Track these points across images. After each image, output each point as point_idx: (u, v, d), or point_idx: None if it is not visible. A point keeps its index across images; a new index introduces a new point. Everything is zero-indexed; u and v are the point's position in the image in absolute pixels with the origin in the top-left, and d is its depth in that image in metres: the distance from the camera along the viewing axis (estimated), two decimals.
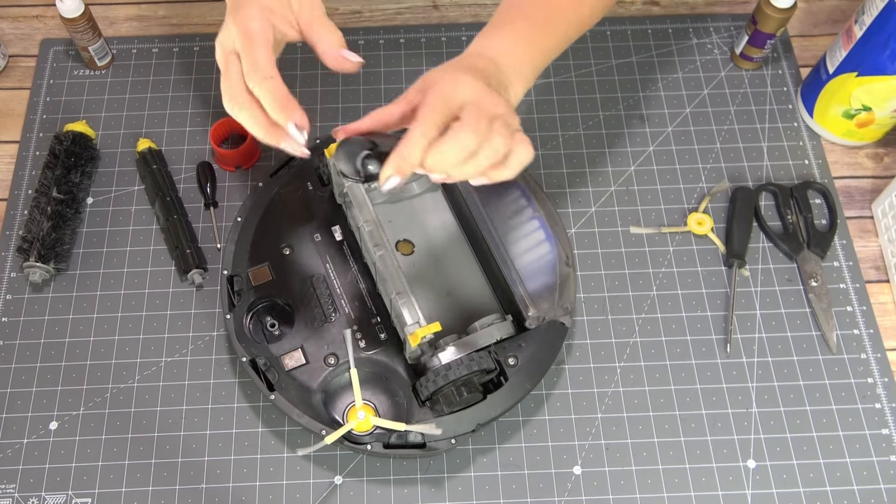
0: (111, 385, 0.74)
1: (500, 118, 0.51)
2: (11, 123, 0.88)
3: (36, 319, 0.77)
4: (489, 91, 0.52)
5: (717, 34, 0.94)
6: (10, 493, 0.70)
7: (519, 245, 0.71)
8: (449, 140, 0.50)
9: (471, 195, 0.73)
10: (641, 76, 0.91)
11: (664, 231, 0.82)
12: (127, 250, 0.80)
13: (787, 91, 0.90)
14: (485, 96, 0.52)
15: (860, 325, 0.77)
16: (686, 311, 0.78)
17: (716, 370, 0.75)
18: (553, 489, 0.70)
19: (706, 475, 0.71)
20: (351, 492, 0.70)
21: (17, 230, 0.81)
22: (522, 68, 0.58)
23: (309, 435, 0.71)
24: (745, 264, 0.80)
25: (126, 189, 0.84)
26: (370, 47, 0.92)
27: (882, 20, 0.75)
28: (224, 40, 0.57)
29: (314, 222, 0.74)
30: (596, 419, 0.73)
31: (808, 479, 0.71)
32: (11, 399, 0.73)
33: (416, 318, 0.64)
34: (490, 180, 0.53)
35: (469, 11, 0.96)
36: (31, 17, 0.95)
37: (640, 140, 0.87)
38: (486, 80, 0.53)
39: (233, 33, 0.56)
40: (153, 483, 0.70)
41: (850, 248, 0.81)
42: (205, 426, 0.72)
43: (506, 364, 0.67)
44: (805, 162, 0.86)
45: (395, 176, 0.50)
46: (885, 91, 0.78)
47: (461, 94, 0.51)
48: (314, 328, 0.69)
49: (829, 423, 0.73)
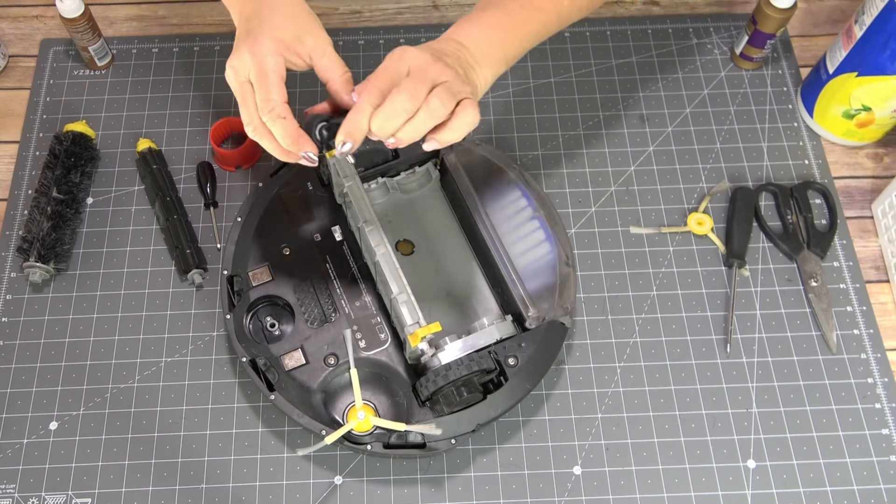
0: (111, 385, 0.74)
1: (444, 85, 0.56)
2: (11, 123, 0.88)
3: (36, 319, 0.77)
4: (433, 60, 0.56)
5: (717, 34, 0.94)
6: (10, 493, 0.70)
7: (519, 245, 0.71)
8: (387, 103, 0.55)
9: (471, 195, 0.73)
10: (641, 76, 0.91)
11: (664, 231, 0.82)
12: (127, 250, 0.80)
13: (787, 91, 0.90)
14: (427, 65, 0.56)
15: (860, 325, 0.77)
16: (686, 311, 0.78)
17: (716, 370, 0.75)
18: (553, 489, 0.70)
19: (706, 475, 0.71)
20: (351, 492, 0.70)
21: (17, 230, 0.81)
22: (492, 52, 0.62)
23: (309, 435, 0.71)
24: (745, 264, 0.80)
25: (126, 189, 0.84)
26: (370, 47, 0.92)
27: (882, 20, 0.75)
28: (238, 67, 0.59)
29: (314, 222, 0.74)
30: (596, 419, 0.73)
31: (808, 479, 0.71)
32: (11, 399, 0.73)
33: (416, 318, 0.64)
34: (440, 144, 0.58)
35: (469, 12, 0.95)
36: (31, 17, 0.95)
37: (640, 140, 0.87)
38: (441, 56, 0.58)
39: (247, 63, 0.59)
40: (153, 483, 0.70)
41: (850, 248, 0.81)
42: (205, 426, 0.72)
43: (506, 364, 0.67)
44: (805, 162, 0.86)
45: (348, 141, 0.55)
46: (885, 91, 0.78)
47: (405, 64, 0.56)
48: (314, 328, 0.69)
49: (829, 423, 0.73)
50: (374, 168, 0.75)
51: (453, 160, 0.75)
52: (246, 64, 0.59)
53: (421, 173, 0.78)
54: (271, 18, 0.60)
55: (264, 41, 0.59)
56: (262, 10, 0.61)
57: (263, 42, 0.59)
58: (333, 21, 0.95)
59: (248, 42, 0.59)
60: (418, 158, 0.76)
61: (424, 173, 0.78)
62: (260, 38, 0.59)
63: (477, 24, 0.63)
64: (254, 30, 0.60)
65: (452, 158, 0.75)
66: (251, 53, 0.59)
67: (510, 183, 0.74)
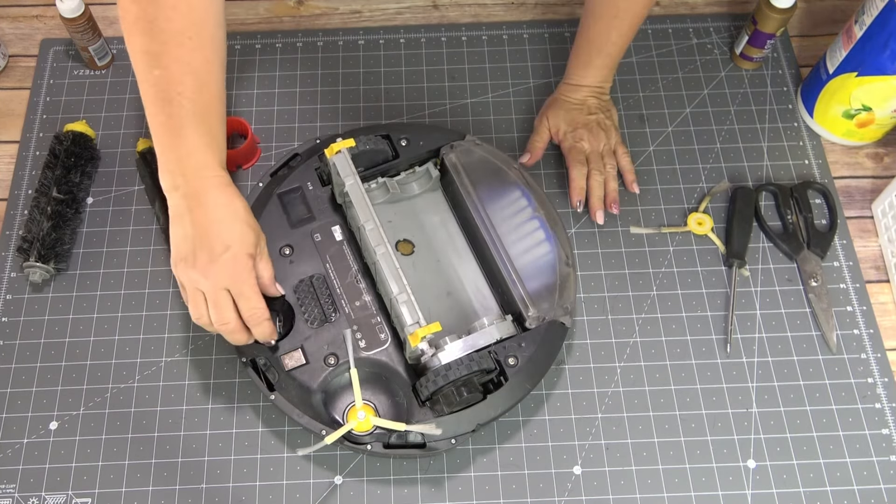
0: (111, 385, 0.74)
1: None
2: (11, 123, 0.88)
3: (36, 319, 0.77)
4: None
5: (717, 34, 0.94)
6: (10, 493, 0.70)
7: (519, 245, 0.71)
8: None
9: (471, 195, 0.73)
10: (641, 76, 0.91)
11: (664, 231, 0.82)
12: (127, 250, 0.80)
13: (787, 91, 0.90)
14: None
15: (860, 325, 0.77)
16: (686, 311, 0.78)
17: (716, 370, 0.75)
18: (553, 489, 0.70)
19: (706, 475, 0.71)
20: (351, 492, 0.70)
21: (17, 230, 0.81)
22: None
23: (309, 435, 0.71)
24: (745, 264, 0.80)
25: (126, 189, 0.84)
26: (370, 47, 0.92)
27: (882, 20, 0.75)
28: (217, 280, 0.61)
29: (314, 222, 0.74)
30: (596, 419, 0.73)
31: (808, 479, 0.71)
32: (11, 399, 0.73)
33: (416, 318, 0.64)
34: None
35: (469, 11, 0.96)
36: (31, 17, 0.95)
37: (640, 140, 0.87)
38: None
39: (224, 280, 0.61)
40: (153, 483, 0.70)
41: (850, 248, 0.81)
42: (205, 426, 0.72)
43: (506, 364, 0.67)
44: (805, 162, 0.86)
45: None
46: (885, 91, 0.78)
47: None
48: (314, 328, 0.69)
49: (829, 423, 0.73)
50: (374, 168, 0.75)
51: (453, 160, 0.75)
52: (222, 280, 0.61)
53: (421, 173, 0.78)
54: (233, 229, 0.62)
55: (242, 260, 0.62)
56: (214, 215, 0.62)
57: (242, 261, 0.62)
58: (334, 21, 0.95)
59: (220, 261, 0.61)
60: (418, 158, 0.76)
61: (424, 173, 0.78)
62: (239, 258, 0.61)
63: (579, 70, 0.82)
64: (220, 246, 0.61)
65: (452, 158, 0.75)
66: (233, 273, 0.61)
67: (510, 183, 0.74)
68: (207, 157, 0.62)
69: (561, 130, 0.82)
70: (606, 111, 0.83)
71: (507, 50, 0.92)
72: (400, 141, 0.76)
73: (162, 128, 0.62)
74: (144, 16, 0.60)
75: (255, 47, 0.92)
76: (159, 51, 0.60)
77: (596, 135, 0.81)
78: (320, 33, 0.93)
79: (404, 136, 0.76)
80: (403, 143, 0.76)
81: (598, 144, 0.81)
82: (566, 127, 0.82)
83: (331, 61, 0.91)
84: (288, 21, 0.95)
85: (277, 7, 0.96)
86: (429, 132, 0.77)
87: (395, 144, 0.75)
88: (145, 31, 0.61)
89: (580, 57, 0.81)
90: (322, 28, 0.94)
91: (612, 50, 0.79)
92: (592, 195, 0.80)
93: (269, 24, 0.95)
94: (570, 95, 0.82)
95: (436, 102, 0.89)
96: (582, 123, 0.81)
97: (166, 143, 0.62)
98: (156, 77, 0.61)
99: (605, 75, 0.82)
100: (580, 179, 0.80)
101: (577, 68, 0.82)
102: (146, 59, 0.61)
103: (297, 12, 0.96)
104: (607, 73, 0.82)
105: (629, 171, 0.82)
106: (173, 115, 0.61)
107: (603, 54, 0.79)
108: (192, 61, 0.61)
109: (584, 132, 0.81)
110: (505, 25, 0.94)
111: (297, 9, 0.96)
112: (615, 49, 0.79)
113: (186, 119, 0.61)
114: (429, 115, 0.88)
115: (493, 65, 0.91)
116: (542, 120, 0.83)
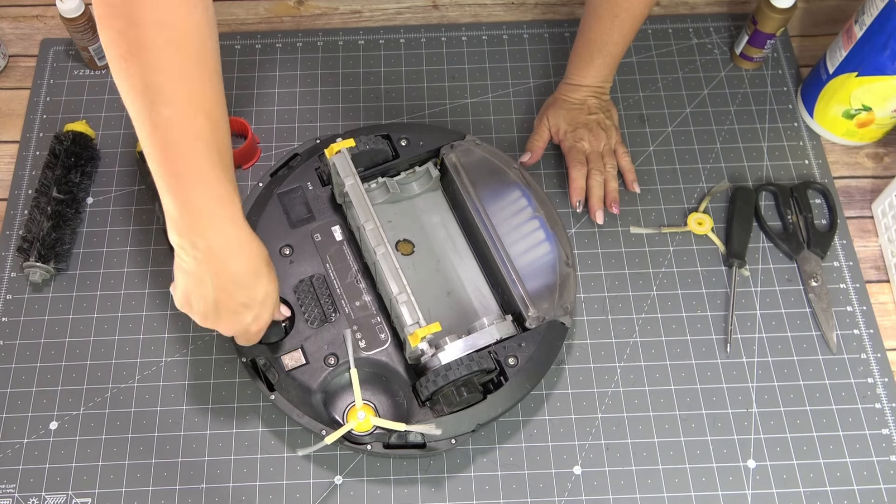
0: (111, 385, 0.74)
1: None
2: (11, 123, 0.88)
3: (36, 319, 0.77)
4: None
5: (717, 34, 0.94)
6: (10, 493, 0.70)
7: (519, 245, 0.71)
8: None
9: (471, 195, 0.73)
10: (641, 76, 0.91)
11: (664, 231, 0.82)
12: (127, 250, 0.80)
13: (787, 91, 0.90)
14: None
15: (860, 325, 0.77)
16: (686, 311, 0.78)
17: (716, 370, 0.75)
18: (553, 489, 0.70)
19: (706, 475, 0.71)
20: (351, 492, 0.70)
21: (17, 230, 0.81)
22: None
23: (309, 435, 0.71)
24: (745, 264, 0.80)
25: (126, 189, 0.84)
26: (370, 47, 0.92)
27: (882, 20, 0.75)
28: (238, 332, 0.63)
29: (314, 222, 0.74)
30: (596, 419, 0.73)
31: (808, 479, 0.71)
32: (11, 399, 0.73)
33: (416, 318, 0.64)
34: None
35: (469, 11, 0.96)
36: (31, 17, 0.95)
37: (640, 140, 0.87)
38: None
39: (244, 333, 0.63)
40: (153, 483, 0.70)
41: (850, 248, 0.81)
42: (205, 426, 0.72)
43: (506, 364, 0.67)
44: (805, 162, 0.86)
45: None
46: (885, 91, 0.78)
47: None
48: (314, 328, 0.69)
49: (829, 423, 0.73)
50: (374, 168, 0.75)
51: (453, 160, 0.75)
52: (244, 333, 0.63)
53: (421, 173, 0.78)
54: (257, 290, 0.61)
55: (265, 321, 0.63)
56: (239, 280, 0.59)
57: (264, 321, 0.63)
58: (334, 21, 0.95)
59: (251, 324, 0.62)
60: (418, 158, 0.76)
61: (424, 173, 0.78)
62: (261, 320, 0.63)
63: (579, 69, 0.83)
64: (246, 313, 0.61)
65: (452, 158, 0.75)
66: (255, 329, 0.63)
67: (510, 183, 0.74)
68: (231, 209, 0.56)
69: (561, 130, 0.82)
70: (607, 111, 0.83)
71: (507, 50, 0.92)
72: (400, 141, 0.76)
73: (174, 179, 0.53)
74: (138, 50, 0.51)
75: (255, 47, 0.92)
76: (161, 86, 0.51)
77: (596, 134, 0.81)
78: (320, 33, 0.93)
79: (404, 136, 0.76)
80: (403, 143, 0.76)
81: (598, 144, 0.81)
82: (566, 127, 0.81)
83: (331, 61, 0.91)
84: (288, 21, 0.95)
85: (277, 7, 0.96)
86: (429, 132, 0.77)
87: (395, 144, 0.75)
88: (142, 63, 0.51)
89: (580, 57, 0.81)
90: (322, 28, 0.94)
91: (612, 50, 0.79)
92: (592, 195, 0.80)
93: (270, 24, 0.95)
94: (570, 95, 0.82)
95: (436, 102, 0.89)
96: (582, 123, 0.81)
97: (180, 196, 0.53)
98: (165, 118, 0.52)
99: (606, 75, 0.82)
100: (580, 179, 0.80)
101: (578, 68, 0.82)
102: (147, 96, 0.51)
103: (297, 12, 0.96)
104: (608, 73, 0.82)
105: (629, 170, 0.82)
106: (190, 161, 0.53)
107: (603, 54, 0.79)
108: (202, 96, 0.53)
109: (585, 132, 0.81)
110: (505, 25, 0.94)
111: (297, 9, 0.96)
112: (616, 49, 0.79)
113: (205, 166, 0.53)
114: (429, 115, 0.88)
115: (493, 65, 0.91)
116: (543, 120, 0.83)
